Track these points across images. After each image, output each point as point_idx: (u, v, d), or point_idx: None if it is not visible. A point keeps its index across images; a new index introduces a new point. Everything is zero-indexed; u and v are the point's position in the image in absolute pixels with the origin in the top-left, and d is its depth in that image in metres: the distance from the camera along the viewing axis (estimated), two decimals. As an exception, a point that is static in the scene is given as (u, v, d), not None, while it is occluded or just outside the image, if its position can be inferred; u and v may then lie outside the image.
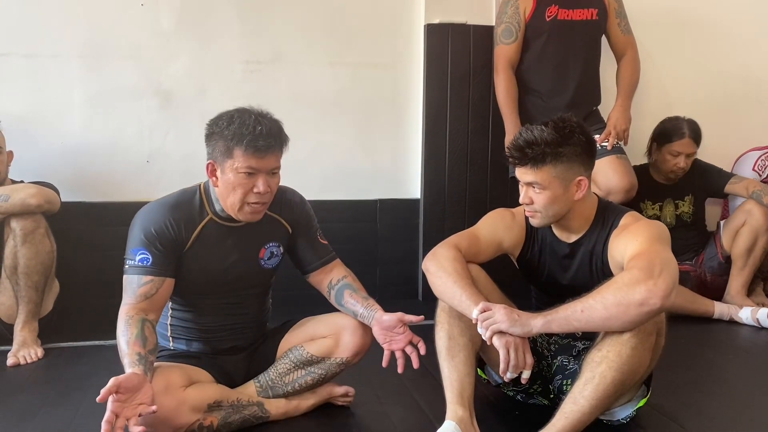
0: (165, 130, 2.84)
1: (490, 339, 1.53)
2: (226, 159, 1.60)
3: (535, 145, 1.61)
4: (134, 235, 1.65)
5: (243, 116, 1.60)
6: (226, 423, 1.66)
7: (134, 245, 1.63)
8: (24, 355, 2.23)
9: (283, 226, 1.80)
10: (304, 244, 1.83)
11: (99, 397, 1.36)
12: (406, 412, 1.85)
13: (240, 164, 1.58)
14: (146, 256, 1.61)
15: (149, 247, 1.62)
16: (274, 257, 1.80)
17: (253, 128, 1.57)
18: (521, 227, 1.82)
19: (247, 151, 1.57)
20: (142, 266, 1.61)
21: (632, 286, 1.42)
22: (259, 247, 1.76)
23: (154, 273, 1.62)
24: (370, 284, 2.98)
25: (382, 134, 3.08)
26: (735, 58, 3.34)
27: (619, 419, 1.71)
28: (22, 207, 2.25)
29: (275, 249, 1.79)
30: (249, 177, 1.60)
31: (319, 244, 1.85)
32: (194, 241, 1.67)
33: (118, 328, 1.56)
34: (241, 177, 1.60)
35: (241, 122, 1.58)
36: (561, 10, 2.71)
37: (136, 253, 1.62)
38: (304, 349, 1.77)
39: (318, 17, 2.94)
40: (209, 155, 1.65)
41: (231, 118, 1.61)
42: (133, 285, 1.61)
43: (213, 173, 1.65)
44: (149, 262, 1.61)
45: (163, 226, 1.64)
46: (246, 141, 1.57)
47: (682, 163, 2.92)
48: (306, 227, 1.84)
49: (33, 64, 2.70)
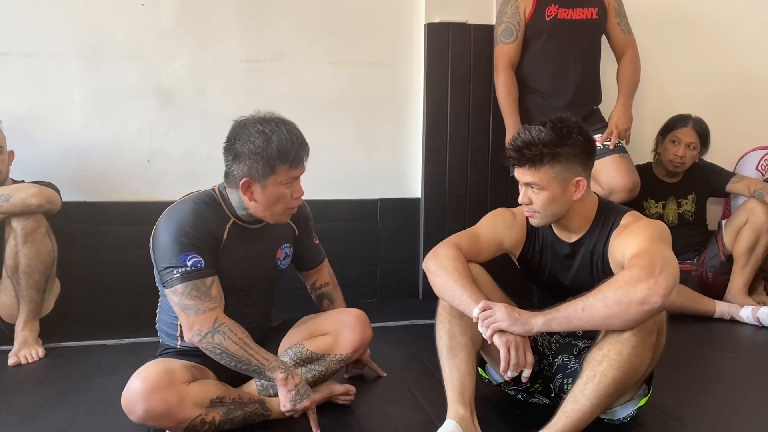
0: (165, 129, 2.84)
1: (491, 338, 1.53)
2: (268, 176, 1.63)
3: (533, 145, 1.61)
4: (170, 241, 1.61)
5: (276, 132, 1.62)
6: (228, 419, 1.66)
7: (177, 251, 1.60)
8: (25, 354, 2.23)
9: (291, 228, 1.88)
10: (304, 244, 1.93)
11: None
12: (407, 411, 1.85)
13: (284, 178, 1.64)
14: (197, 258, 1.60)
15: (195, 249, 1.61)
16: (287, 258, 1.87)
17: (292, 142, 1.62)
18: (522, 227, 1.82)
19: (292, 166, 1.64)
20: (199, 269, 1.60)
21: (633, 284, 1.42)
22: (275, 249, 1.82)
23: (212, 273, 1.63)
24: (370, 283, 3.04)
25: (383, 133, 3.08)
26: (736, 57, 3.34)
27: (620, 418, 1.71)
28: (23, 207, 2.25)
29: (288, 250, 1.87)
30: (289, 186, 1.67)
31: (314, 245, 1.97)
32: (226, 239, 1.69)
33: (214, 340, 1.59)
34: (284, 188, 1.65)
35: (280, 139, 1.61)
36: (561, 9, 2.71)
37: (185, 259, 1.59)
38: (303, 346, 1.78)
39: (318, 16, 2.94)
40: (243, 173, 1.63)
41: (265, 135, 1.61)
42: (202, 289, 1.60)
43: (248, 189, 1.65)
44: (203, 264, 1.61)
45: (198, 223, 1.64)
46: (291, 157, 1.62)
47: (680, 152, 2.93)
48: (307, 228, 1.93)
49: (33, 64, 2.70)
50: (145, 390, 1.53)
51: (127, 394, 1.55)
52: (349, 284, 3.03)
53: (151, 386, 1.53)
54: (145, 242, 1.68)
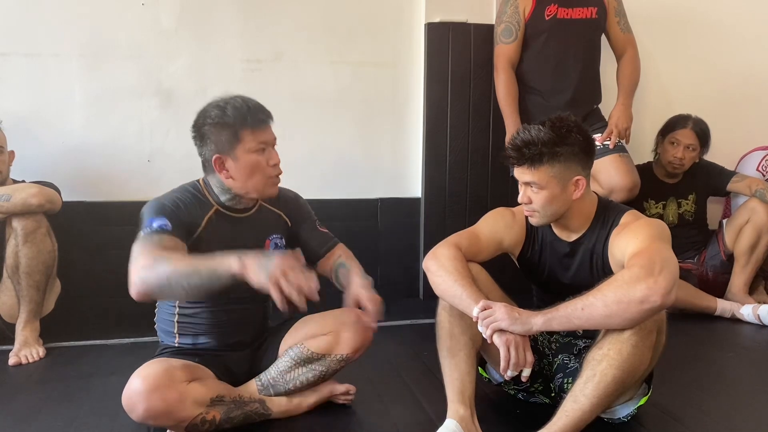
0: (166, 129, 2.85)
1: (491, 337, 1.53)
2: (235, 145, 1.64)
3: (532, 144, 1.62)
4: (148, 211, 1.64)
5: (230, 101, 1.65)
6: (229, 418, 1.66)
7: (150, 215, 1.62)
8: (26, 354, 2.24)
9: (282, 219, 1.86)
10: (306, 234, 1.90)
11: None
12: (407, 411, 1.86)
13: (251, 143, 1.64)
14: (165, 222, 1.61)
15: (168, 216, 1.62)
16: (278, 249, 1.84)
17: (247, 107, 1.64)
18: (521, 226, 1.82)
19: (254, 127, 1.64)
20: (163, 230, 1.60)
21: (633, 283, 1.42)
22: (264, 239, 1.81)
23: (174, 234, 1.60)
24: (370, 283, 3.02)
25: (383, 133, 3.08)
26: (736, 57, 3.34)
27: (620, 417, 1.71)
28: (23, 207, 2.25)
29: (278, 241, 1.84)
30: (262, 153, 1.66)
31: (319, 233, 1.92)
32: (205, 228, 1.70)
33: (158, 269, 1.49)
34: (256, 155, 1.65)
35: (234, 106, 1.63)
36: (560, 9, 2.71)
37: (153, 221, 1.61)
38: (304, 346, 1.77)
39: (318, 16, 2.94)
40: (212, 151, 1.66)
41: (220, 107, 1.64)
42: (155, 241, 1.57)
43: (222, 167, 1.67)
44: (169, 227, 1.61)
45: (176, 201, 1.67)
46: (249, 118, 1.63)
47: (679, 153, 2.93)
48: (304, 218, 1.90)
49: (34, 64, 2.71)
50: (146, 389, 1.53)
51: (128, 393, 1.55)
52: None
53: (152, 385, 1.53)
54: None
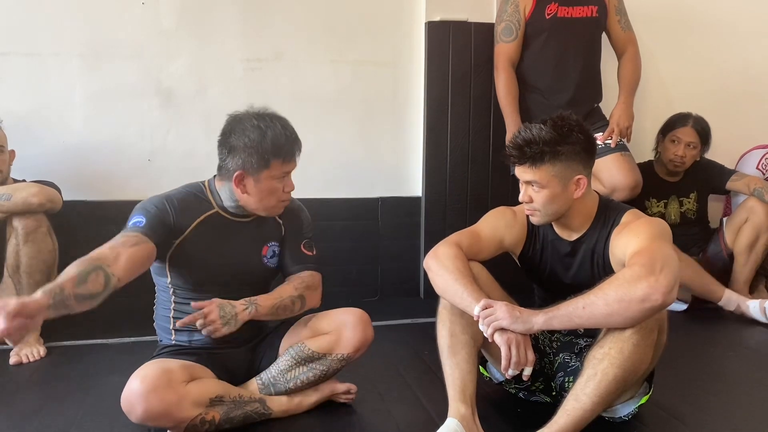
0: (166, 128, 2.84)
1: (492, 336, 1.53)
2: (262, 170, 1.67)
3: (534, 143, 1.61)
4: (134, 211, 1.69)
5: (271, 127, 1.66)
6: (228, 418, 1.66)
7: (132, 215, 1.67)
8: (26, 353, 2.24)
9: (280, 227, 1.87)
10: (289, 246, 1.87)
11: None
12: (408, 410, 1.86)
13: (276, 172, 1.68)
14: (140, 220, 1.65)
15: (145, 215, 1.66)
16: (276, 256, 1.85)
17: (286, 138, 1.66)
18: (522, 225, 1.82)
19: (285, 161, 1.68)
20: (133, 227, 1.64)
21: (634, 282, 1.42)
22: (261, 245, 1.82)
23: (140, 231, 1.63)
24: (371, 282, 3.04)
25: (384, 132, 3.08)
26: (736, 55, 3.34)
27: (621, 416, 1.71)
28: (24, 206, 2.25)
29: (276, 248, 1.85)
30: (281, 180, 1.70)
31: (300, 253, 1.87)
32: (194, 230, 1.71)
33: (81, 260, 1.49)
34: (276, 182, 1.69)
35: (274, 134, 1.65)
36: (561, 7, 2.71)
37: (130, 220, 1.66)
38: (305, 345, 1.77)
39: (319, 15, 2.94)
40: (237, 166, 1.67)
41: (260, 131, 1.65)
42: (118, 240, 1.59)
43: (241, 182, 1.69)
44: (141, 224, 1.64)
45: (163, 206, 1.69)
46: (284, 152, 1.66)
47: (680, 151, 2.93)
48: (295, 233, 1.88)
49: (34, 63, 2.70)
50: (144, 390, 1.52)
51: (126, 394, 1.55)
52: (350, 283, 3.04)
53: (150, 386, 1.53)
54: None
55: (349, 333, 1.77)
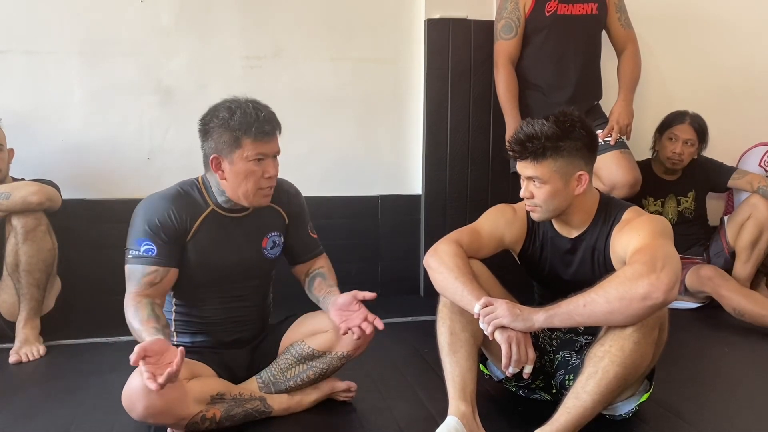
0: (165, 126, 2.84)
1: (492, 334, 1.53)
2: (234, 150, 1.63)
3: (536, 139, 1.61)
4: (137, 226, 1.67)
5: (241, 106, 1.64)
6: (229, 416, 1.66)
7: (137, 236, 1.66)
8: (26, 352, 2.23)
9: (281, 215, 1.84)
10: (295, 235, 1.88)
11: (132, 360, 1.40)
12: (409, 408, 1.85)
13: (250, 152, 1.63)
14: (151, 246, 1.64)
15: (153, 238, 1.64)
16: (276, 247, 1.84)
17: (256, 116, 1.62)
18: (522, 222, 1.82)
19: (256, 138, 1.62)
20: (147, 257, 1.64)
21: (635, 280, 1.42)
22: (261, 237, 1.80)
23: (158, 263, 1.64)
24: (371, 280, 3.04)
25: (384, 130, 3.08)
26: (737, 52, 3.33)
27: (621, 414, 1.71)
28: (23, 205, 2.25)
29: (276, 238, 1.83)
30: (258, 163, 1.65)
31: (309, 237, 1.90)
32: (196, 231, 1.70)
33: (128, 313, 1.60)
34: (252, 164, 1.64)
35: (243, 112, 1.62)
36: (560, 5, 2.70)
37: (140, 243, 1.64)
38: (305, 343, 1.77)
39: (318, 12, 2.93)
40: (212, 149, 1.66)
41: (230, 110, 1.63)
42: (137, 275, 1.64)
43: (218, 167, 1.67)
44: (154, 253, 1.64)
45: (166, 216, 1.66)
46: (254, 129, 1.61)
47: (678, 149, 2.93)
48: (299, 219, 1.88)
49: (33, 61, 2.70)
50: (145, 387, 1.52)
51: (127, 392, 1.54)
52: (350, 281, 3.01)
53: None
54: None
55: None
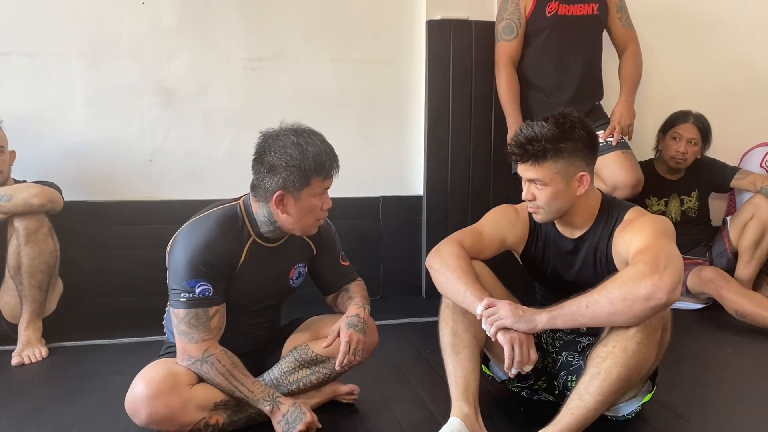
0: (167, 128, 2.84)
1: (495, 335, 1.53)
2: (302, 188, 1.60)
3: (536, 141, 1.61)
4: (185, 262, 1.58)
5: (309, 142, 1.59)
6: (232, 421, 1.66)
7: (189, 276, 1.57)
8: (28, 354, 2.23)
9: (309, 246, 1.82)
10: (326, 266, 1.87)
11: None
12: (411, 409, 1.85)
13: (317, 190, 1.62)
14: (207, 287, 1.58)
15: (207, 277, 1.58)
16: (301, 277, 1.83)
17: (326, 155, 1.60)
18: (524, 223, 1.82)
19: (326, 177, 1.62)
20: (205, 298, 1.58)
21: (638, 280, 1.42)
22: (289, 268, 1.79)
23: (217, 302, 1.61)
24: (373, 281, 3.03)
25: (385, 131, 3.07)
26: (738, 52, 3.33)
27: (624, 415, 1.70)
28: (25, 207, 2.25)
29: (302, 269, 1.83)
30: (320, 198, 1.64)
31: (339, 266, 1.89)
32: (243, 264, 1.66)
33: (202, 369, 1.60)
34: (315, 200, 1.63)
35: (316, 151, 1.59)
36: (561, 5, 2.70)
37: (194, 285, 1.57)
38: (309, 348, 1.77)
39: (319, 14, 2.94)
40: (278, 186, 1.59)
41: (301, 147, 1.58)
42: (202, 319, 1.58)
43: (281, 202, 1.61)
44: (211, 293, 1.59)
45: (216, 250, 1.60)
46: (326, 168, 1.61)
47: (681, 147, 2.92)
48: (329, 249, 1.86)
49: (34, 63, 2.70)
50: (149, 394, 1.52)
51: (131, 398, 1.54)
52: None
53: (154, 390, 1.53)
54: (147, 241, 1.68)
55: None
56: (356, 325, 1.71)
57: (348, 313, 1.75)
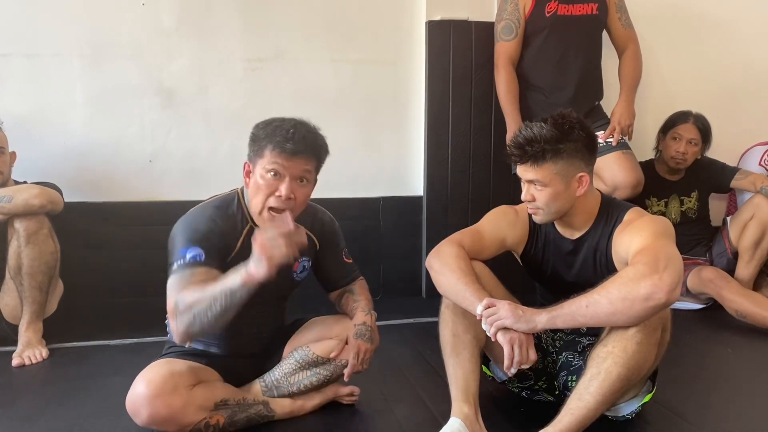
0: (167, 128, 2.84)
1: (495, 335, 1.53)
2: (258, 158, 1.61)
3: (535, 142, 1.61)
4: (179, 238, 1.60)
5: (285, 121, 1.62)
6: (233, 422, 1.66)
7: (182, 245, 1.58)
8: (29, 355, 2.23)
9: (312, 241, 1.81)
10: (329, 263, 1.87)
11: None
12: (412, 410, 1.85)
13: (267, 163, 1.59)
14: (198, 252, 1.57)
15: (200, 243, 1.58)
16: (305, 271, 1.83)
17: (286, 131, 1.59)
18: (524, 224, 1.82)
19: (275, 150, 1.59)
20: (195, 262, 1.56)
21: (637, 280, 1.42)
22: (294, 261, 1.75)
23: (209, 264, 1.57)
24: (373, 282, 3.00)
25: (385, 131, 3.08)
26: (738, 52, 3.33)
27: (624, 415, 1.70)
28: (25, 208, 2.25)
29: (306, 263, 1.82)
30: (274, 179, 1.60)
31: (343, 263, 1.89)
32: (239, 250, 1.65)
33: (183, 307, 1.49)
34: (268, 178, 1.60)
35: (279, 125, 1.60)
36: (561, 5, 2.70)
37: (185, 252, 1.57)
38: (309, 349, 1.77)
39: (319, 14, 2.94)
40: (248, 156, 1.66)
41: (272, 122, 1.62)
42: (186, 279, 1.53)
43: (247, 174, 1.65)
44: (202, 258, 1.56)
45: (211, 224, 1.62)
46: (276, 141, 1.59)
47: (682, 148, 2.93)
48: (333, 246, 1.87)
49: (35, 64, 2.70)
50: (149, 395, 1.52)
51: (132, 398, 1.54)
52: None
53: (155, 391, 1.53)
54: (148, 242, 1.68)
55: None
56: (364, 335, 1.72)
57: (356, 321, 1.75)
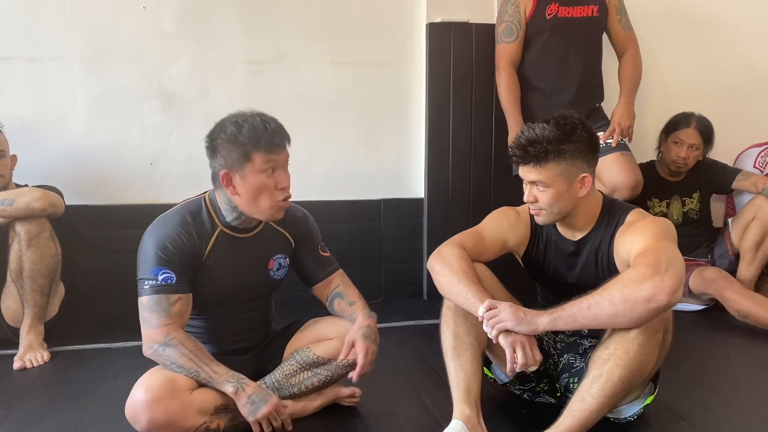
0: (168, 131, 2.84)
1: (497, 337, 1.53)
2: (244, 164, 1.60)
3: (537, 143, 1.61)
4: (149, 254, 1.62)
5: (248, 120, 1.61)
6: (233, 426, 1.65)
7: (153, 264, 1.61)
8: (30, 358, 2.23)
9: (286, 238, 1.82)
10: (306, 258, 1.87)
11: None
12: (413, 412, 1.85)
13: (261, 165, 1.60)
14: (169, 274, 1.60)
15: (170, 265, 1.61)
16: (282, 268, 1.82)
17: (264, 128, 1.60)
18: (526, 225, 1.82)
19: (267, 150, 1.60)
20: (167, 285, 1.60)
21: (639, 282, 1.42)
22: (267, 259, 1.78)
23: (181, 290, 1.62)
24: (374, 284, 3.04)
25: (386, 133, 3.08)
26: (738, 53, 3.33)
27: (626, 417, 1.70)
28: (26, 211, 2.25)
29: (282, 260, 1.82)
30: (270, 175, 1.62)
31: (320, 256, 1.88)
32: (209, 254, 1.67)
33: (165, 353, 1.58)
34: (263, 177, 1.61)
35: (251, 125, 1.60)
36: (561, 7, 2.70)
37: (157, 273, 1.60)
38: (310, 350, 1.77)
39: (320, 17, 2.94)
40: (221, 165, 1.63)
41: (237, 124, 1.61)
42: (163, 305, 1.60)
43: (229, 183, 1.63)
44: (173, 280, 1.60)
45: (178, 240, 1.63)
46: (264, 141, 1.59)
47: (683, 153, 2.92)
48: (308, 241, 1.86)
49: (35, 68, 2.70)
50: (148, 400, 1.52)
51: (131, 404, 1.54)
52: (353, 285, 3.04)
53: (154, 396, 1.52)
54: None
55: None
56: (370, 336, 1.72)
57: (359, 323, 1.75)
